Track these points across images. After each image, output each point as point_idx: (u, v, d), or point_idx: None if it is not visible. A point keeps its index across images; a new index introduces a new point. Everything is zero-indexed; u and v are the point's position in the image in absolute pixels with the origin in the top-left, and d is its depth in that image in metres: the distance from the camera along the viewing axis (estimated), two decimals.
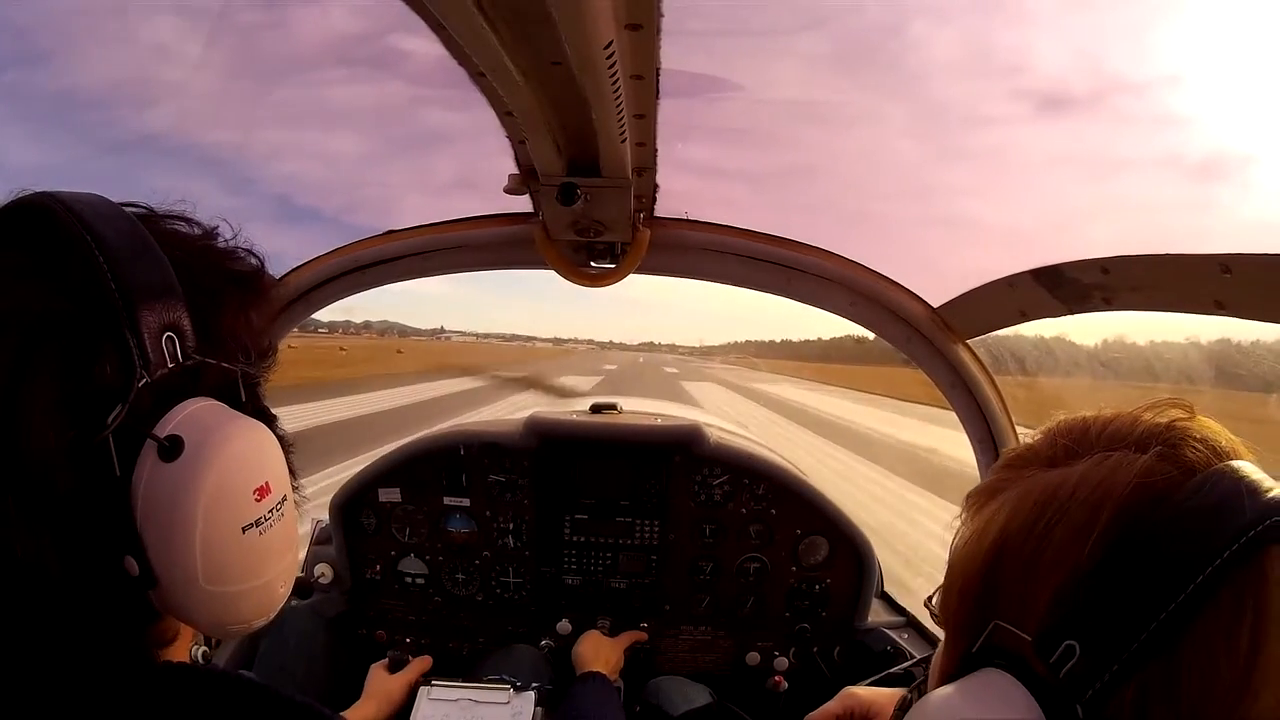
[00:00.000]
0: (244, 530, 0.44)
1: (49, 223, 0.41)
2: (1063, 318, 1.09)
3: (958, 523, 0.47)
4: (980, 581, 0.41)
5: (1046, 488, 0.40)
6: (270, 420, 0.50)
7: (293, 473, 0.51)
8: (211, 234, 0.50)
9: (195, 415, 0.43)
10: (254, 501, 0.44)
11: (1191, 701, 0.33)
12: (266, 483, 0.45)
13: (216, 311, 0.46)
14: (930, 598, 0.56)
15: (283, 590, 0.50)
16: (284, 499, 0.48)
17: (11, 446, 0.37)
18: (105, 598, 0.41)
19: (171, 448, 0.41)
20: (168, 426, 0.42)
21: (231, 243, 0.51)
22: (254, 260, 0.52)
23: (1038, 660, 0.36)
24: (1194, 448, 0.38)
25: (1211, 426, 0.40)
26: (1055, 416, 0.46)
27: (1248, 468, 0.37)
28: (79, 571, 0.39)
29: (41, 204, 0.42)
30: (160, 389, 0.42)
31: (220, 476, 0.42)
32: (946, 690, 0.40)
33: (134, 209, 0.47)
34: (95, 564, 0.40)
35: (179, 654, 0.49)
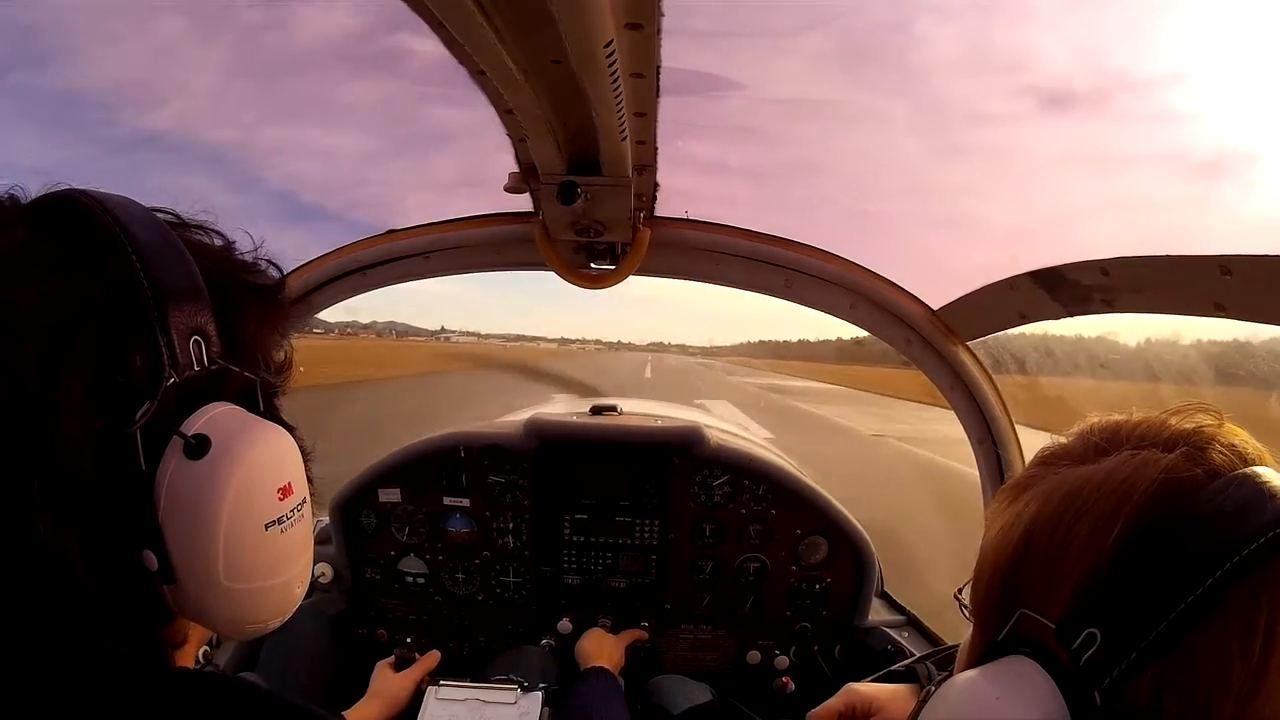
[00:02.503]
0: (266, 527, 0.44)
1: (83, 217, 0.42)
2: (1065, 319, 1.09)
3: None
4: (1008, 572, 0.42)
5: (1074, 482, 0.41)
6: (289, 430, 0.50)
7: (309, 480, 0.51)
8: (232, 246, 0.51)
9: (220, 418, 0.44)
10: (277, 500, 0.45)
11: (1205, 695, 0.34)
12: (289, 483, 0.46)
13: (239, 321, 0.47)
14: (960, 590, 0.58)
15: (299, 590, 0.50)
16: (304, 500, 0.48)
17: (42, 432, 0.37)
18: (123, 590, 0.41)
19: (198, 446, 0.41)
20: (193, 426, 0.42)
21: (252, 255, 0.52)
22: (274, 273, 0.53)
23: (1060, 647, 0.37)
24: (1220, 452, 0.39)
25: (1239, 434, 0.41)
26: (1088, 418, 0.47)
27: (1271, 474, 0.38)
28: (99, 561, 0.39)
29: (75, 199, 0.42)
30: (185, 390, 0.42)
31: (246, 474, 0.43)
32: (971, 674, 0.41)
33: (163, 214, 0.48)
34: (115, 555, 0.40)
35: (186, 659, 0.49)
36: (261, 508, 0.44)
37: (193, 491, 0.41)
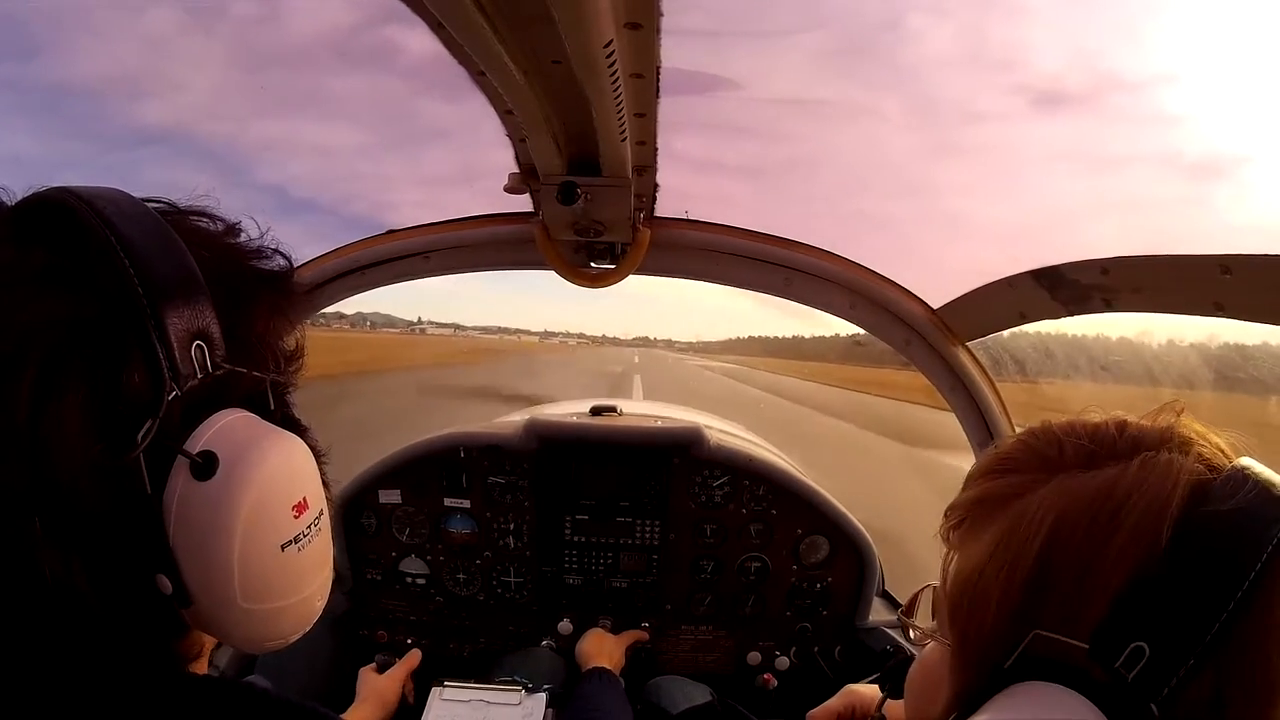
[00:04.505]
0: (283, 548, 0.42)
1: (70, 222, 0.39)
2: (1065, 319, 1.09)
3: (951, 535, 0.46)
4: (1021, 593, 0.39)
5: (1094, 491, 0.39)
6: (302, 430, 0.48)
7: (325, 484, 0.49)
8: (236, 230, 0.47)
9: (228, 430, 0.41)
10: (292, 519, 0.43)
11: (1266, 678, 0.35)
12: (304, 498, 0.44)
13: (246, 315, 0.44)
14: (905, 610, 0.56)
15: (320, 603, 0.48)
16: (321, 513, 0.46)
17: (39, 467, 0.35)
18: (136, 616, 0.40)
19: (205, 465, 0.39)
20: (199, 441, 0.40)
21: (258, 241, 0.48)
22: (282, 259, 0.49)
23: (1093, 665, 0.36)
24: (1210, 448, 0.40)
25: (1198, 426, 0.42)
26: (1032, 424, 0.46)
27: (1257, 465, 0.39)
28: (109, 592, 0.38)
29: (61, 200, 0.40)
30: (190, 401, 0.40)
31: (258, 495, 0.40)
32: (991, 715, 0.38)
33: (156, 205, 0.44)
34: (126, 583, 0.39)
35: (200, 668, 0.48)
36: (276, 528, 0.42)
37: (203, 515, 0.39)
